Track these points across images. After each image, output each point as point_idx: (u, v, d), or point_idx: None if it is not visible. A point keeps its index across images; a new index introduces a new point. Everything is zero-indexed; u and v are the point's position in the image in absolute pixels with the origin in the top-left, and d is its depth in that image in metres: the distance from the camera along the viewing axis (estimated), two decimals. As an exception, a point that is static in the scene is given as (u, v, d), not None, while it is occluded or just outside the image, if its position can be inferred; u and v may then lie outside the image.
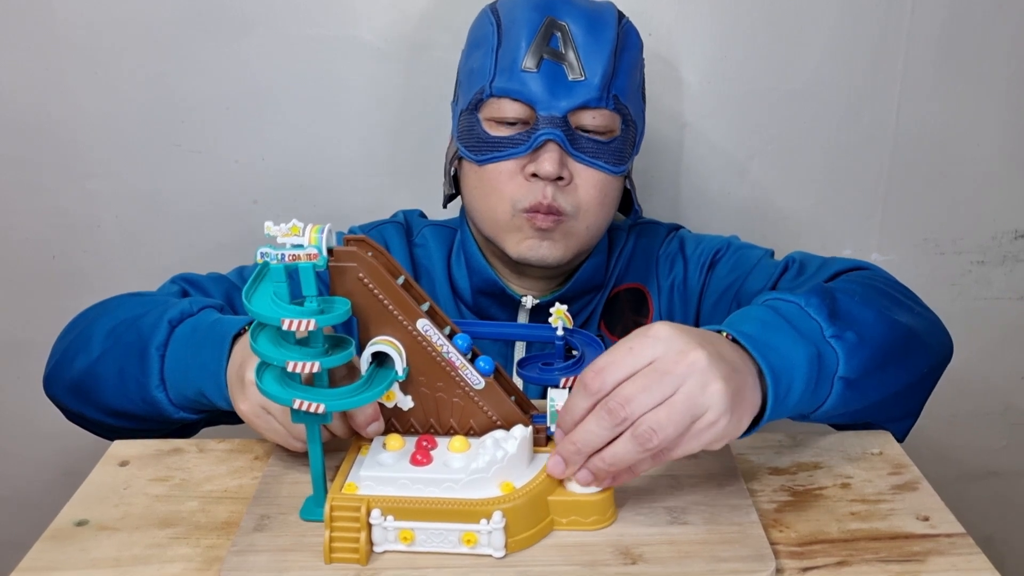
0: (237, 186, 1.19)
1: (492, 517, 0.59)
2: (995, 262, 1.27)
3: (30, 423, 1.29)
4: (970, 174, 1.23)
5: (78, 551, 0.64)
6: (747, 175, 1.22)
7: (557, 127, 0.85)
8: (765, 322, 0.68)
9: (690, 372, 0.58)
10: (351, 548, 0.60)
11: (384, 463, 0.64)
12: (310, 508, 0.65)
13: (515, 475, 0.63)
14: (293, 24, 1.12)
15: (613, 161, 0.88)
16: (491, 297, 0.95)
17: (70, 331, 0.87)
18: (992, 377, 1.33)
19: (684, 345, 0.59)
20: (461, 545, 0.60)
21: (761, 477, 0.73)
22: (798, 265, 0.90)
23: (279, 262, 0.59)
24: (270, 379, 0.61)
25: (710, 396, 0.58)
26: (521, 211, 0.87)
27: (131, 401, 0.79)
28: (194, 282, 0.91)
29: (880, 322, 0.73)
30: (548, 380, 0.66)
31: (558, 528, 0.63)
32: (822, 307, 0.70)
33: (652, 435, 0.57)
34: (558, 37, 0.87)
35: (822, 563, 0.62)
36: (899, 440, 0.80)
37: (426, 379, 0.66)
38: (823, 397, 0.69)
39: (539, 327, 0.71)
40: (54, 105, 1.14)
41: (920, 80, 1.18)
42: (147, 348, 0.77)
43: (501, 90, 0.87)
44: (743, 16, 1.14)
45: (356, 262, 0.63)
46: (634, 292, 0.99)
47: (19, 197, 1.18)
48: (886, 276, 0.84)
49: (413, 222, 1.03)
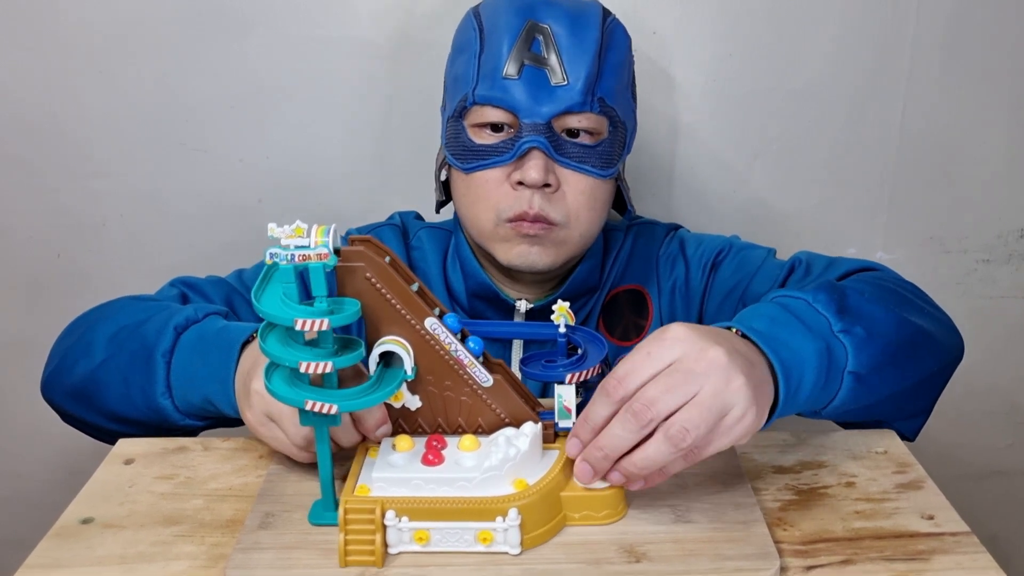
0: (241, 185, 1.19)
1: (508, 514, 0.60)
2: (1001, 261, 1.27)
3: (35, 421, 1.29)
4: (975, 173, 1.23)
5: (83, 549, 0.64)
6: (751, 174, 1.21)
7: (541, 134, 0.84)
8: (774, 318, 0.68)
9: (711, 369, 0.58)
10: (367, 551, 0.59)
11: (396, 464, 0.64)
12: (318, 512, 0.65)
13: (527, 472, 0.63)
14: (296, 24, 1.12)
15: (601, 165, 0.87)
16: (485, 301, 0.95)
17: (69, 335, 0.86)
18: (997, 376, 1.32)
19: (702, 344, 0.59)
20: (477, 544, 0.60)
21: (765, 475, 0.73)
22: (805, 265, 0.90)
23: (289, 262, 0.58)
24: (279, 380, 0.61)
25: (734, 391, 0.59)
26: (505, 220, 0.86)
27: (135, 408, 0.78)
28: (193, 285, 0.91)
29: (889, 318, 0.73)
30: (553, 377, 0.66)
31: (570, 523, 0.63)
32: (830, 302, 0.70)
33: (685, 434, 0.57)
34: (540, 41, 0.85)
35: (826, 561, 0.62)
36: (910, 439, 0.80)
37: (434, 378, 0.66)
38: (833, 392, 0.69)
39: (541, 325, 0.71)
40: (58, 105, 1.15)
41: (925, 79, 1.17)
42: (152, 355, 0.77)
43: (483, 98, 0.86)
44: (746, 15, 1.14)
45: (364, 262, 0.62)
46: (633, 293, 0.99)
47: (23, 196, 1.19)
48: (895, 276, 0.84)
49: (409, 224, 1.02)
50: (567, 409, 0.65)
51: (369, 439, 0.67)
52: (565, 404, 0.65)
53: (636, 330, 0.98)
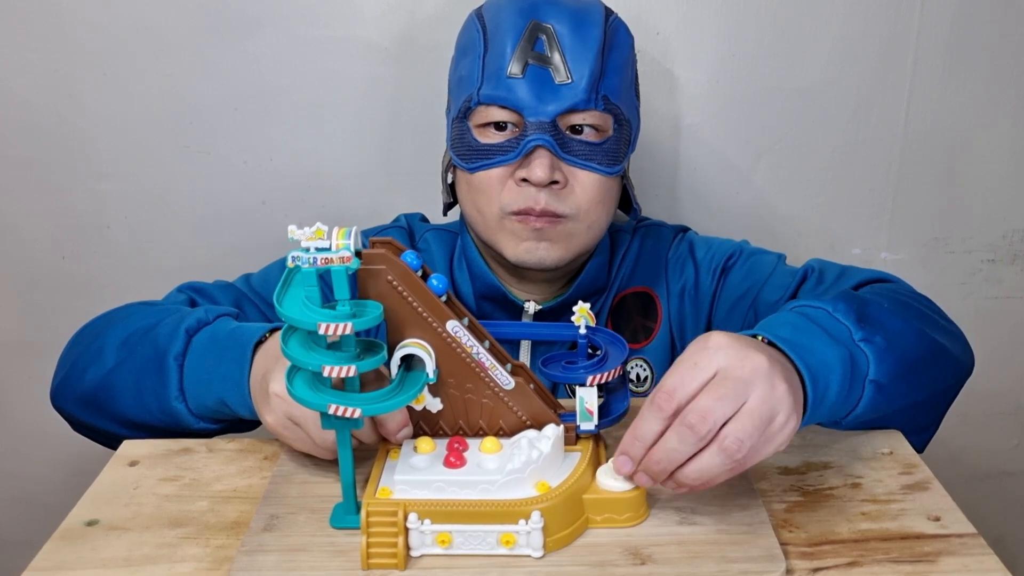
0: (246, 187, 1.19)
1: (531, 517, 0.59)
2: (1005, 261, 1.27)
3: (40, 423, 1.29)
4: (979, 173, 1.22)
5: (88, 551, 0.64)
6: (755, 174, 1.21)
7: (546, 132, 0.84)
8: (797, 326, 0.68)
9: (756, 376, 0.59)
10: (389, 553, 0.59)
11: (417, 467, 0.63)
12: (339, 516, 0.64)
13: (550, 474, 0.63)
14: (301, 25, 1.12)
15: (607, 162, 0.87)
16: (493, 302, 0.95)
17: (77, 343, 0.86)
18: (1003, 377, 1.32)
19: (744, 351, 0.60)
20: (499, 546, 0.60)
21: (771, 477, 0.72)
22: (817, 274, 0.90)
23: (311, 266, 0.57)
24: (301, 384, 0.60)
25: (779, 398, 0.59)
26: (510, 214, 0.86)
27: (149, 412, 0.78)
28: (201, 290, 0.91)
29: (907, 329, 0.73)
30: (574, 379, 0.66)
31: (592, 526, 0.63)
32: (850, 312, 0.70)
33: (740, 445, 0.58)
34: (543, 40, 0.85)
35: (832, 563, 0.62)
36: (918, 451, 0.80)
37: (455, 381, 0.66)
38: (855, 400, 0.69)
39: (558, 326, 0.71)
40: (63, 106, 1.15)
41: (929, 78, 1.17)
42: (165, 358, 0.77)
43: (488, 97, 0.86)
44: (749, 16, 1.14)
45: (385, 264, 0.62)
46: (642, 296, 0.99)
47: (28, 198, 1.19)
48: (909, 288, 0.84)
49: (415, 226, 1.02)
50: (589, 411, 0.65)
51: (390, 442, 0.67)
52: (587, 406, 0.65)
53: (645, 332, 0.98)
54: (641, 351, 0.97)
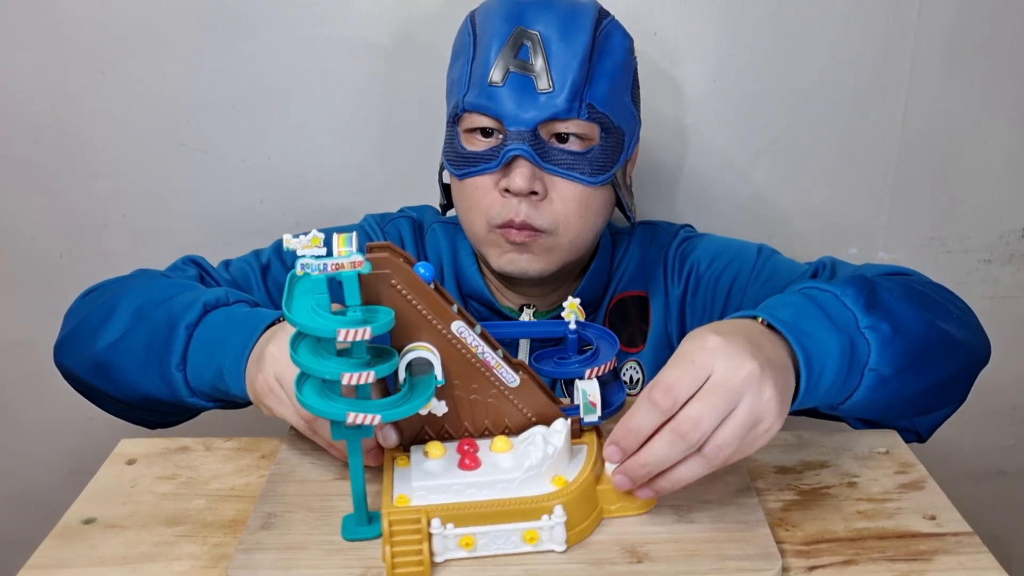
0: (243, 186, 1.19)
1: (554, 512, 0.60)
2: (1002, 261, 1.27)
3: (37, 422, 1.29)
4: (977, 173, 1.23)
5: (86, 549, 0.64)
6: (753, 174, 1.21)
7: (526, 141, 0.83)
8: (800, 308, 0.68)
9: (747, 385, 0.59)
10: (415, 562, 0.58)
11: (433, 471, 0.63)
12: (351, 527, 0.63)
13: (565, 468, 0.63)
14: (299, 24, 1.12)
15: (591, 172, 0.85)
16: (485, 307, 0.96)
17: (89, 303, 0.86)
18: (1000, 376, 1.31)
19: (740, 356, 0.59)
20: (523, 544, 0.60)
21: (767, 476, 0.73)
22: (829, 270, 0.89)
23: (321, 272, 0.56)
24: (312, 393, 0.59)
25: (765, 405, 0.59)
26: (495, 227, 0.86)
27: (148, 378, 0.78)
28: (202, 264, 0.92)
29: (917, 319, 0.72)
30: (568, 373, 0.66)
31: (607, 516, 0.64)
32: (859, 296, 0.70)
33: (719, 452, 0.58)
34: (528, 47, 0.84)
35: (828, 562, 0.62)
36: (923, 437, 0.80)
37: (460, 382, 0.66)
38: (852, 387, 0.69)
39: (550, 323, 0.72)
40: (60, 105, 1.15)
41: (927, 78, 1.17)
42: (177, 325, 0.76)
43: (472, 105, 0.85)
44: (748, 16, 1.14)
45: (389, 268, 0.61)
46: (640, 299, 0.98)
47: (26, 197, 1.19)
48: (925, 279, 0.83)
49: (425, 218, 1.02)
50: (592, 404, 0.66)
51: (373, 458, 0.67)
52: (591, 399, 0.66)
53: (642, 336, 0.97)
54: (638, 354, 0.97)
